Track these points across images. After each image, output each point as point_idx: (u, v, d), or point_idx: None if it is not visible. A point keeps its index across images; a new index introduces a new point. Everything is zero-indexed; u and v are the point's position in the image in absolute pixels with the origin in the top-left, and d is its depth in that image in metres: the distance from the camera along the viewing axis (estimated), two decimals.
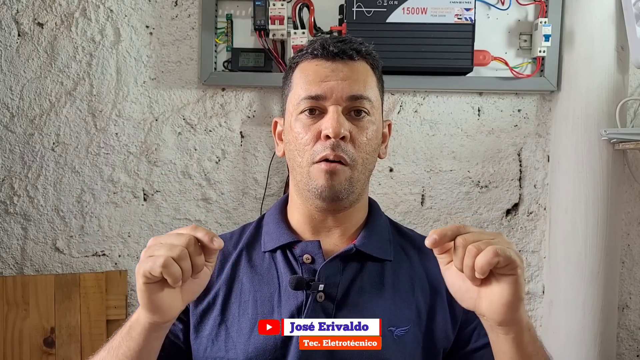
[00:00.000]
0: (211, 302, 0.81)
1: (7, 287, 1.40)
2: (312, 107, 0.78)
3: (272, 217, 0.88)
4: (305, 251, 0.81)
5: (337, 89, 0.77)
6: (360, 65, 0.81)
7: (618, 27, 1.35)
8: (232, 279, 0.83)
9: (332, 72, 0.78)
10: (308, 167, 0.79)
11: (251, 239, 0.87)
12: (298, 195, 0.84)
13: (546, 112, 1.50)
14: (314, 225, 0.83)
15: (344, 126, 0.76)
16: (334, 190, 0.77)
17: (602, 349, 1.38)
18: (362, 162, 0.79)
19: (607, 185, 1.36)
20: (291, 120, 0.81)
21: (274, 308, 0.79)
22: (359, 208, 0.85)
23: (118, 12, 1.46)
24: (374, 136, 0.81)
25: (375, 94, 0.81)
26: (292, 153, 0.81)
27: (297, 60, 0.83)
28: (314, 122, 0.79)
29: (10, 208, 1.47)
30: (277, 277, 0.81)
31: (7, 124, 1.46)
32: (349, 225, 0.84)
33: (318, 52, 0.80)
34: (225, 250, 0.86)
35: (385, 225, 0.88)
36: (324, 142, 0.77)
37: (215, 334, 0.80)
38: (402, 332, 0.78)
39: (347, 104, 0.78)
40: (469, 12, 1.36)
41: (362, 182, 0.82)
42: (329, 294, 0.78)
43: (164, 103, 1.47)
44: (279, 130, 0.88)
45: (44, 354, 1.40)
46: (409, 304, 0.80)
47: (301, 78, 0.80)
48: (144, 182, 1.48)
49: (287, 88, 0.84)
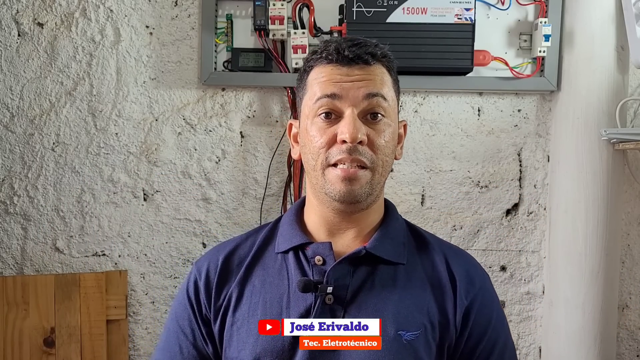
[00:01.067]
0: (226, 305, 0.83)
1: (7, 287, 1.40)
2: (328, 108, 0.78)
3: (288, 218, 0.88)
4: (317, 252, 0.81)
5: (353, 89, 0.77)
6: (376, 69, 0.80)
7: (618, 27, 1.35)
8: (244, 281, 0.83)
9: (347, 76, 0.78)
10: (323, 170, 0.78)
11: (266, 240, 0.88)
12: (314, 197, 0.84)
13: (546, 112, 1.50)
14: (329, 227, 0.83)
15: (361, 130, 0.76)
16: (353, 194, 0.77)
17: (602, 349, 1.38)
18: (382, 165, 0.79)
19: (607, 185, 1.36)
20: (307, 123, 0.80)
21: (283, 310, 0.79)
22: (375, 209, 0.85)
23: (118, 12, 1.46)
24: (391, 138, 0.80)
25: (391, 95, 0.81)
26: (307, 156, 0.81)
27: (312, 64, 0.82)
28: (330, 125, 0.78)
29: (10, 208, 1.47)
30: (288, 279, 0.81)
31: (7, 124, 1.46)
32: (364, 226, 0.84)
33: (333, 57, 0.79)
34: (241, 253, 0.87)
35: (401, 228, 0.87)
36: (340, 146, 0.77)
37: (230, 335, 0.81)
38: (412, 336, 0.77)
39: (363, 105, 0.77)
40: (469, 12, 1.36)
41: (381, 184, 0.82)
42: (338, 296, 0.78)
43: (164, 103, 1.47)
44: (294, 132, 0.87)
45: (44, 354, 1.40)
46: (421, 309, 0.79)
47: (316, 80, 0.80)
48: (144, 182, 1.48)
49: (301, 91, 0.84)
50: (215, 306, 0.83)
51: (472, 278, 0.84)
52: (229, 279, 0.84)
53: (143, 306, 1.50)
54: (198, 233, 1.49)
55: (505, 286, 1.53)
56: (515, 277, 1.53)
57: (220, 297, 0.83)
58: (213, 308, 0.83)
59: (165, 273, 1.49)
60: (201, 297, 0.84)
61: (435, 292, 0.81)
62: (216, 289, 0.84)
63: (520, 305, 1.53)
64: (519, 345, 1.54)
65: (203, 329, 0.84)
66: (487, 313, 0.83)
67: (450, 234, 1.51)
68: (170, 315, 0.88)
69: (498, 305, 0.86)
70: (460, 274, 0.83)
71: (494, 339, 0.82)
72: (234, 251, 0.88)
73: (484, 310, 0.82)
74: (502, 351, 0.83)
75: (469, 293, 0.82)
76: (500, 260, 1.53)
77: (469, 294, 0.82)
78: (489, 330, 0.82)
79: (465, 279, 0.83)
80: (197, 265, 0.89)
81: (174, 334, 0.85)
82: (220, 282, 0.84)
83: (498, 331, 0.83)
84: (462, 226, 1.51)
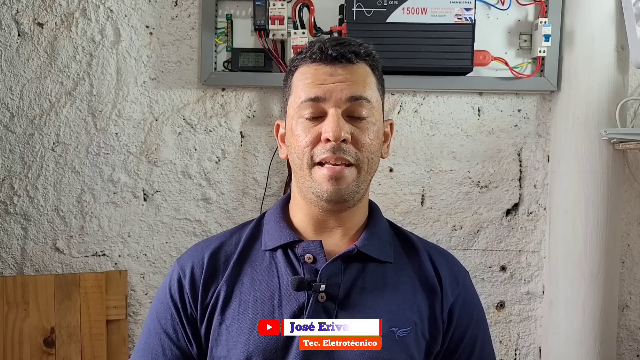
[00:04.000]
0: (214, 303, 0.82)
1: (7, 287, 1.40)
2: (312, 110, 0.78)
3: (273, 216, 0.88)
4: (307, 250, 0.81)
5: (337, 91, 0.77)
6: (359, 68, 0.80)
7: (618, 27, 1.35)
8: (232, 278, 0.83)
9: (330, 76, 0.78)
10: (309, 169, 0.79)
11: (251, 237, 0.87)
12: (301, 196, 0.84)
13: (546, 112, 1.50)
14: (316, 225, 0.84)
15: (345, 129, 0.76)
16: (340, 193, 0.78)
17: (602, 349, 1.38)
18: (367, 162, 0.80)
19: (607, 185, 1.36)
20: (292, 123, 0.81)
21: (275, 308, 0.79)
22: (361, 208, 0.86)
23: (118, 12, 1.46)
24: (376, 136, 0.81)
25: (375, 95, 0.81)
26: (293, 156, 0.82)
27: (297, 64, 0.82)
28: (315, 124, 0.79)
29: (10, 208, 1.47)
30: (278, 277, 0.81)
31: (7, 124, 1.46)
32: (351, 226, 0.85)
33: (317, 56, 0.79)
34: (227, 250, 0.86)
35: (386, 228, 0.89)
36: (325, 145, 0.77)
37: (217, 334, 0.80)
38: (404, 332, 0.78)
39: (346, 106, 0.78)
40: (469, 12, 1.36)
41: (367, 182, 0.82)
42: (331, 294, 0.79)
43: (164, 103, 1.47)
44: (282, 132, 0.88)
45: (44, 354, 1.40)
46: (411, 306, 0.81)
47: (300, 81, 0.80)
48: (144, 182, 1.48)
49: (287, 91, 0.84)
50: (202, 305, 0.82)
51: (456, 276, 0.87)
52: (216, 277, 0.83)
53: (143, 306, 1.50)
54: (198, 233, 1.49)
55: (505, 286, 1.53)
56: (515, 277, 1.53)
57: (208, 296, 0.82)
58: (200, 307, 0.82)
59: (165, 273, 1.49)
60: (186, 296, 0.83)
61: (424, 289, 0.83)
62: (203, 287, 0.82)
63: (520, 305, 1.53)
64: (519, 345, 1.54)
65: (188, 328, 0.82)
66: (470, 309, 0.86)
67: (450, 234, 1.51)
68: (150, 315, 0.86)
69: (479, 301, 0.90)
70: (445, 272, 0.86)
71: (475, 334, 0.86)
72: (220, 248, 0.86)
73: (467, 306, 0.86)
74: (483, 345, 0.87)
75: (453, 290, 0.85)
76: (500, 260, 1.53)
77: (454, 291, 0.85)
78: (472, 326, 0.85)
79: (449, 277, 0.86)
80: (179, 263, 0.86)
81: (155, 334, 0.83)
82: (207, 280, 0.83)
83: (479, 326, 0.87)
84: (462, 226, 1.51)
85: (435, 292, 0.83)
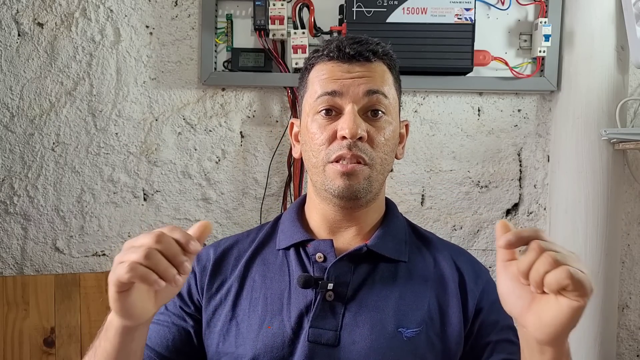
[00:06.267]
0: (223, 298, 0.82)
1: (7, 287, 1.40)
2: (328, 105, 0.78)
3: (289, 215, 0.88)
4: (318, 249, 0.81)
5: (354, 86, 0.77)
6: (377, 66, 0.80)
7: (618, 27, 1.35)
8: (244, 275, 0.83)
9: (347, 73, 0.78)
10: (323, 167, 0.79)
11: (267, 237, 0.88)
12: (316, 195, 0.84)
13: (546, 112, 1.50)
14: (330, 225, 0.84)
15: (361, 126, 0.76)
16: (352, 190, 0.78)
17: (602, 349, 1.38)
18: (381, 162, 0.80)
19: (607, 185, 1.36)
20: (307, 120, 0.81)
21: (284, 305, 0.79)
22: (375, 208, 0.86)
23: (118, 12, 1.46)
24: (392, 136, 0.81)
25: (392, 93, 0.81)
26: (308, 154, 0.82)
27: (313, 61, 0.82)
28: (330, 122, 0.79)
29: (10, 208, 1.47)
30: (289, 275, 0.82)
31: (7, 124, 1.46)
32: (364, 225, 0.84)
33: (334, 54, 0.79)
34: (241, 248, 0.87)
35: (402, 226, 0.88)
36: (340, 142, 0.77)
37: (227, 330, 0.80)
38: (412, 333, 0.77)
39: (363, 102, 0.78)
40: (469, 12, 1.36)
41: (380, 181, 0.82)
42: (339, 293, 0.78)
43: (164, 103, 1.47)
44: (296, 131, 0.88)
45: (44, 354, 1.40)
46: (421, 306, 0.79)
47: (317, 77, 0.80)
48: (144, 182, 1.48)
49: (302, 89, 0.84)
50: (207, 293, 0.83)
51: (478, 272, 0.87)
52: (222, 271, 0.84)
53: None
54: None
55: None
56: None
57: (213, 287, 0.83)
58: (205, 294, 0.83)
59: None
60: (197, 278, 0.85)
61: (438, 288, 0.82)
62: (210, 277, 0.84)
63: None
64: None
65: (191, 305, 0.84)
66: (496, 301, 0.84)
67: (450, 234, 1.51)
68: None
69: None
70: (467, 269, 0.85)
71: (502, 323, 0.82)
72: (233, 245, 0.88)
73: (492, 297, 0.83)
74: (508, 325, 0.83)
75: (477, 285, 0.84)
76: None
77: (478, 286, 0.84)
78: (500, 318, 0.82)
79: (472, 274, 0.85)
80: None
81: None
82: (213, 272, 0.84)
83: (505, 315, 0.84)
84: (462, 226, 1.51)
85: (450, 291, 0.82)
